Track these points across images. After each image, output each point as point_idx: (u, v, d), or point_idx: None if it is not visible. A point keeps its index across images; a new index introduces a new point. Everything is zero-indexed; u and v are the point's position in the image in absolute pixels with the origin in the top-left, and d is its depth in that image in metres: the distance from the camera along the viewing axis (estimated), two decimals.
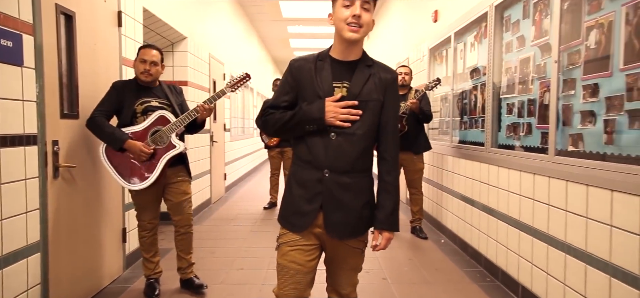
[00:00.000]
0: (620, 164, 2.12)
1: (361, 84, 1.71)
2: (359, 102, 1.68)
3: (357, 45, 1.72)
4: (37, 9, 2.46)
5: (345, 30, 1.64)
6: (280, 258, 1.76)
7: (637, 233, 1.98)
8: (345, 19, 1.63)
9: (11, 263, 2.28)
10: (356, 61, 1.74)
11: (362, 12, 1.63)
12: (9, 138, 2.25)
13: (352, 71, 1.73)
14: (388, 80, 1.75)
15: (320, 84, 1.70)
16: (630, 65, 2.09)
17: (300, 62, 1.76)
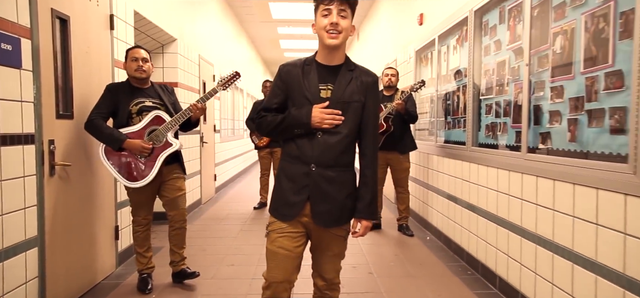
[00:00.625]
0: (581, 160, 2.33)
1: (344, 87, 1.91)
2: (342, 103, 1.88)
3: (338, 50, 1.91)
4: (34, 14, 2.63)
5: (325, 37, 1.84)
6: (270, 245, 1.95)
7: (594, 223, 2.19)
8: (324, 27, 1.83)
9: (10, 257, 2.44)
10: (340, 65, 1.94)
11: (339, 19, 1.83)
12: (8, 137, 2.41)
13: (336, 75, 1.92)
14: (369, 83, 1.95)
15: (308, 86, 1.90)
16: (589, 69, 2.30)
17: (289, 67, 1.96)
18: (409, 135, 4.89)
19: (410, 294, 3.25)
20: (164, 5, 5.03)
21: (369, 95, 1.96)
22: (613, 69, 2.13)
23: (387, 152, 4.79)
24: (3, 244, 2.38)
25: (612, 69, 2.13)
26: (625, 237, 1.99)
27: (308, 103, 1.89)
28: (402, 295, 3.24)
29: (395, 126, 4.72)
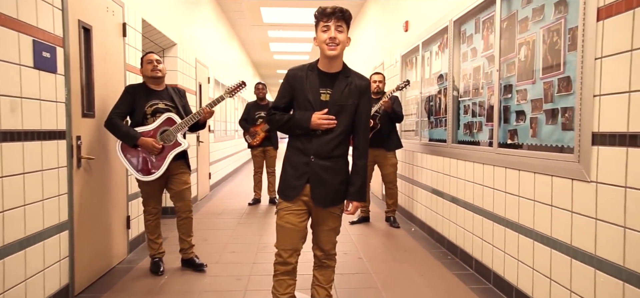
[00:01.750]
0: (539, 152, 2.79)
1: (340, 92, 2.33)
2: (338, 106, 2.30)
3: (337, 59, 2.34)
4: (66, 25, 3.01)
5: (326, 49, 2.26)
6: (279, 220, 2.38)
7: (550, 205, 2.65)
8: (324, 40, 2.25)
9: (49, 237, 2.81)
10: (337, 73, 2.36)
11: (336, 34, 2.25)
12: (47, 133, 2.79)
13: (334, 81, 2.35)
14: (362, 86, 2.38)
15: (310, 89, 2.32)
16: (546, 75, 2.76)
17: (295, 71, 2.38)
18: (395, 134, 5.33)
19: (395, 275, 3.68)
20: (165, 12, 5.41)
21: (362, 97, 2.38)
22: (564, 76, 2.59)
23: (374, 149, 5.22)
24: (44, 225, 2.75)
25: (563, 75, 2.59)
26: (572, 215, 2.45)
27: (309, 104, 2.31)
28: (388, 275, 3.67)
29: (383, 124, 5.15)
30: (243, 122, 6.78)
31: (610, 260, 2.16)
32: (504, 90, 3.30)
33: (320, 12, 2.27)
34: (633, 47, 2.01)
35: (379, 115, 5.11)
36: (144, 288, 3.35)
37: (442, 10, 4.52)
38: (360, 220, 5.57)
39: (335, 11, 2.24)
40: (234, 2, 9.11)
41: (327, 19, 2.26)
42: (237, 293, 3.25)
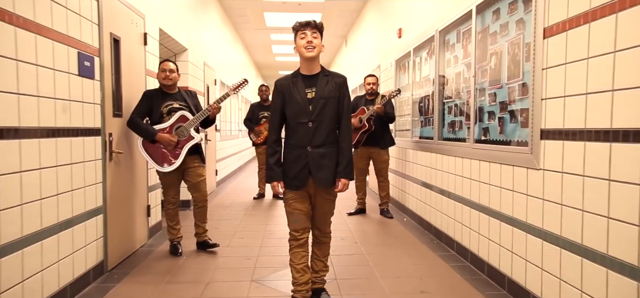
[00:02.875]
0: (504, 146, 3.32)
1: (322, 88, 2.84)
2: (323, 99, 2.80)
3: (315, 61, 2.85)
4: (101, 37, 3.54)
5: (304, 52, 2.78)
6: (288, 208, 2.90)
7: (511, 190, 3.17)
8: (303, 45, 2.77)
9: (88, 219, 3.34)
10: (318, 73, 2.88)
11: (312, 39, 2.77)
12: (87, 130, 3.32)
13: (316, 80, 2.86)
14: (340, 82, 2.90)
15: (297, 92, 2.83)
16: (510, 81, 3.28)
17: (282, 81, 2.90)
18: (388, 133, 5.85)
19: (386, 256, 4.21)
20: (178, 20, 5.94)
21: (341, 91, 2.89)
22: (522, 82, 3.11)
23: (369, 147, 5.75)
24: (86, 207, 3.29)
25: (522, 82, 3.11)
26: (527, 197, 2.97)
27: (299, 103, 2.81)
28: (379, 256, 4.19)
29: (376, 126, 5.67)
30: (248, 122, 7.31)
31: (553, 232, 2.68)
32: (478, 93, 3.82)
33: (297, 24, 2.81)
34: (567, 60, 2.53)
35: (373, 118, 5.62)
36: (165, 266, 3.88)
37: (429, 20, 5.05)
38: (357, 212, 6.09)
39: (309, 22, 2.79)
40: (239, 8, 9.66)
41: (304, 28, 2.79)
42: (247, 270, 3.77)
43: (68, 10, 3.05)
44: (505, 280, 3.28)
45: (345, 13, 10.11)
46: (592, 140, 2.33)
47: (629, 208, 2.08)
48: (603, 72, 2.25)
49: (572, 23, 2.49)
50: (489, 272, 3.54)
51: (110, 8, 3.74)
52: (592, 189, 2.34)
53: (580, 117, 2.42)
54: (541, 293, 2.81)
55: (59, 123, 2.93)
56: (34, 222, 2.67)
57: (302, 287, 2.92)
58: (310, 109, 2.80)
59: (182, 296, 3.19)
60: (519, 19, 3.19)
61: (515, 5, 3.24)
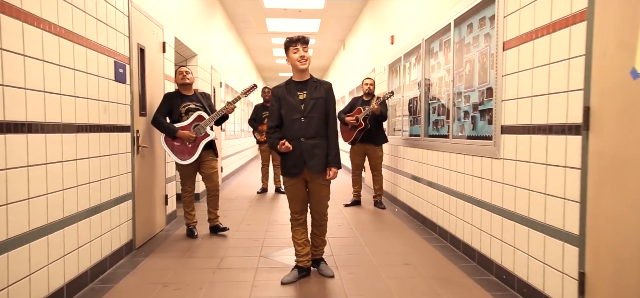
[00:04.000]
0: (475, 140, 3.93)
1: (312, 91, 3.44)
2: (314, 100, 3.38)
3: (306, 71, 3.44)
4: (131, 47, 4.14)
5: (299, 65, 3.37)
6: (287, 193, 3.50)
7: (480, 177, 3.78)
8: (297, 59, 3.36)
9: (120, 203, 3.94)
10: (307, 80, 3.47)
11: (304, 53, 3.36)
12: (119, 127, 3.92)
13: (306, 85, 3.45)
14: (327, 87, 3.49)
15: (291, 96, 3.42)
16: (480, 85, 3.90)
17: (277, 89, 3.49)
18: (382, 131, 6.46)
19: (377, 238, 4.81)
20: (189, 29, 6.55)
21: (328, 94, 3.48)
22: (488, 86, 3.72)
23: (365, 144, 6.36)
24: (121, 191, 3.90)
25: (488, 86, 3.72)
26: (491, 183, 3.58)
27: (293, 105, 3.39)
28: (371, 238, 4.80)
29: (371, 124, 6.27)
30: (252, 122, 7.93)
31: (509, 209, 3.29)
32: (456, 95, 4.43)
33: (289, 40, 3.40)
34: (519, 69, 3.14)
35: (368, 117, 6.22)
36: (184, 246, 4.48)
37: (417, 29, 5.67)
38: (353, 203, 6.70)
39: (300, 38, 3.38)
40: (243, 14, 10.27)
41: (296, 44, 3.38)
42: (256, 248, 4.38)
43: (108, 26, 3.66)
44: (475, 254, 3.89)
45: (342, 19, 10.73)
46: (536, 133, 2.94)
47: (557, 186, 2.69)
48: (542, 79, 2.86)
49: (522, 39, 3.10)
50: (464, 249, 4.15)
51: (137, 21, 4.35)
52: (535, 172, 2.95)
53: (528, 115, 3.03)
54: (501, 261, 3.42)
55: (101, 121, 3.54)
56: (84, 201, 3.28)
57: (303, 257, 3.53)
58: (302, 107, 3.39)
59: (202, 266, 3.80)
60: (486, 33, 3.80)
61: (483, 21, 3.85)
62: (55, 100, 2.88)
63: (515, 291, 3.21)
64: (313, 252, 3.64)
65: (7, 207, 2.41)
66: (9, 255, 2.43)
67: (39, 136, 2.70)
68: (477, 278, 3.52)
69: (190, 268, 3.77)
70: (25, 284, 2.58)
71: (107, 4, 3.66)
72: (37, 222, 2.69)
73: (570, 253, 2.58)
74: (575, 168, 2.53)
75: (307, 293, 3.22)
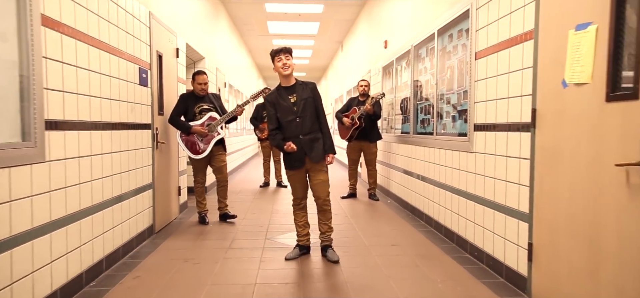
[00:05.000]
0: (454, 136, 4.51)
1: (301, 92, 4.00)
2: (303, 100, 3.94)
3: (291, 76, 3.98)
4: (151, 54, 4.71)
5: (282, 71, 3.91)
6: (290, 181, 4.07)
7: (457, 168, 4.36)
8: (281, 66, 3.90)
9: (143, 192, 4.52)
10: (294, 84, 4.02)
11: (286, 61, 3.91)
12: (143, 125, 4.49)
13: (294, 89, 4.01)
14: (312, 87, 4.05)
15: (283, 99, 3.98)
16: (459, 88, 4.47)
17: (270, 96, 4.03)
18: (376, 129, 7.03)
19: (369, 225, 5.40)
20: (198, 34, 7.13)
21: (314, 93, 4.02)
22: (465, 90, 4.30)
23: (360, 141, 6.94)
24: (144, 182, 4.48)
25: (465, 89, 4.30)
26: (467, 174, 4.16)
27: (285, 108, 3.92)
28: (364, 224, 5.38)
29: (366, 123, 6.84)
30: (253, 120, 8.50)
31: (479, 195, 3.87)
32: (439, 97, 5.01)
33: (274, 51, 3.96)
34: (487, 76, 3.72)
35: (363, 117, 6.79)
36: (197, 230, 5.06)
37: (407, 36, 6.25)
38: (349, 195, 7.28)
39: (283, 49, 3.93)
40: (246, 18, 10.84)
41: (279, 54, 3.93)
42: (261, 232, 4.96)
43: (134, 37, 4.24)
44: (454, 236, 4.47)
45: (340, 22, 11.31)
46: (499, 130, 3.52)
47: (514, 174, 3.27)
48: (504, 85, 3.44)
49: (489, 51, 3.68)
50: (445, 232, 4.73)
51: (156, 31, 4.92)
52: (499, 163, 3.53)
53: (493, 114, 3.61)
54: (474, 240, 4.01)
55: (131, 119, 4.11)
56: (117, 189, 3.85)
57: (303, 237, 4.11)
58: (295, 109, 3.94)
59: (216, 246, 4.38)
60: (463, 43, 4.38)
61: (461, 32, 4.43)
62: (95, 102, 3.45)
63: (484, 264, 3.80)
64: (321, 238, 4.16)
65: (50, 194, 2.97)
66: (52, 235, 3.01)
67: (85, 133, 3.27)
68: (454, 256, 4.11)
69: (205, 248, 4.35)
70: (77, 254, 3.15)
71: (133, 18, 4.23)
72: (85, 203, 3.26)
73: (523, 229, 3.17)
74: (526, 159, 3.11)
75: (308, 267, 3.81)
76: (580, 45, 2.51)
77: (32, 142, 2.60)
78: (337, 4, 9.76)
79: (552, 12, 2.81)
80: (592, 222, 2.44)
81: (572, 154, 2.61)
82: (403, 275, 3.57)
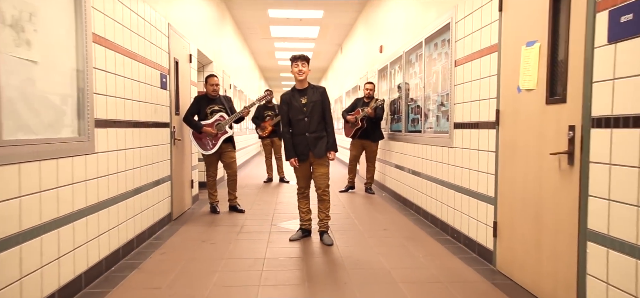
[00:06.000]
0: (438, 134, 5.12)
1: (312, 96, 4.61)
2: (312, 103, 4.55)
3: (305, 81, 4.59)
4: (170, 61, 5.33)
5: (298, 76, 4.53)
6: (296, 172, 4.68)
7: (441, 162, 4.97)
8: (296, 72, 4.52)
9: (162, 183, 5.13)
10: (307, 87, 4.63)
11: (302, 68, 4.52)
12: (163, 123, 5.11)
13: (306, 92, 4.62)
14: (321, 91, 4.64)
15: (295, 100, 4.59)
16: (442, 91, 5.09)
17: (285, 95, 4.65)
18: (378, 129, 7.62)
19: (365, 214, 6.01)
20: (207, 40, 7.75)
21: (323, 97, 4.63)
22: (447, 92, 4.91)
23: (363, 140, 7.55)
24: (164, 174, 5.10)
25: (447, 92, 4.92)
26: (448, 166, 4.77)
27: (296, 108, 4.55)
28: (360, 214, 5.99)
29: (368, 124, 7.43)
30: (255, 119, 9.12)
31: (458, 184, 4.49)
32: (426, 99, 5.63)
33: (293, 57, 4.54)
34: (464, 81, 4.34)
35: (365, 119, 7.39)
36: (209, 219, 5.68)
37: (399, 42, 6.87)
38: (347, 189, 7.90)
39: (301, 57, 4.53)
40: (249, 22, 11.47)
41: (297, 61, 4.54)
42: (268, 220, 5.58)
43: (156, 47, 4.86)
44: (438, 222, 5.09)
45: (340, 26, 11.92)
46: (473, 128, 4.14)
47: (484, 164, 3.89)
48: (476, 89, 4.05)
49: (466, 59, 4.30)
50: (431, 219, 5.35)
51: (174, 40, 5.55)
52: (473, 156, 4.14)
53: (469, 114, 4.23)
54: (454, 223, 4.62)
55: (154, 118, 4.74)
56: (144, 179, 4.47)
57: (306, 221, 4.74)
58: (305, 109, 4.55)
59: (228, 231, 5.00)
60: (446, 52, 4.99)
61: (444, 42, 5.05)
62: (128, 103, 4.07)
63: (461, 244, 4.42)
64: (319, 225, 4.76)
65: (97, 180, 3.59)
66: (99, 214, 3.63)
67: (121, 130, 3.89)
68: (437, 238, 4.72)
69: (219, 232, 4.96)
70: (116, 232, 3.77)
71: (155, 29, 4.85)
72: (121, 189, 3.88)
73: (490, 210, 3.79)
74: (492, 152, 3.73)
75: (309, 247, 4.42)
76: (529, 58, 3.13)
77: (85, 137, 3.22)
78: (336, 10, 10.37)
79: (511, 29, 3.43)
80: (537, 202, 3.06)
81: (524, 147, 3.23)
82: (391, 253, 4.19)
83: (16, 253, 2.47)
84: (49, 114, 2.86)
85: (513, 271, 3.42)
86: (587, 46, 2.52)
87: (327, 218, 4.72)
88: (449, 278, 3.48)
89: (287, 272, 3.64)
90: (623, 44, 2.27)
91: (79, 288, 3.14)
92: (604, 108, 2.40)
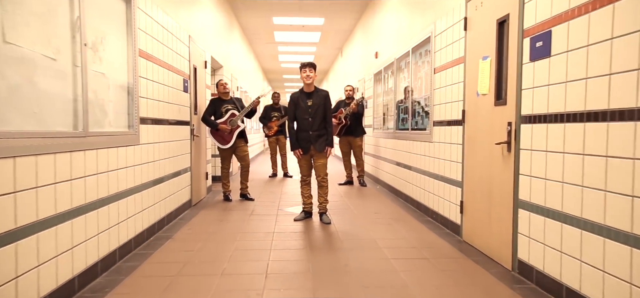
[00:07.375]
0: (421, 131, 6.00)
1: (315, 99, 5.49)
2: (316, 106, 5.43)
3: (312, 85, 5.48)
4: (190, 68, 6.22)
5: (305, 81, 5.41)
6: (298, 162, 5.56)
7: (423, 155, 5.85)
8: (304, 77, 5.41)
9: (184, 173, 6.01)
10: (313, 91, 5.52)
11: (309, 74, 5.40)
12: (184, 122, 5.99)
13: (312, 94, 5.50)
14: (325, 95, 5.53)
15: (302, 101, 5.47)
16: (425, 94, 5.96)
17: (293, 95, 5.54)
18: (360, 126, 8.51)
19: (360, 203, 6.89)
20: (219, 47, 8.65)
21: (325, 100, 5.52)
22: (429, 95, 5.78)
23: (348, 136, 8.45)
24: (185, 165, 5.99)
25: (429, 95, 5.79)
26: (429, 158, 5.65)
27: (302, 109, 5.44)
28: (356, 203, 6.87)
29: (351, 121, 8.32)
30: (262, 119, 10.02)
31: (437, 173, 5.36)
32: (412, 101, 6.50)
33: (302, 64, 5.40)
34: (441, 85, 5.22)
35: (348, 116, 8.27)
36: (223, 206, 6.57)
37: (392, 50, 7.75)
38: (346, 183, 8.78)
39: (309, 63, 5.39)
40: (255, 28, 12.37)
41: (305, 67, 5.40)
42: (274, 206, 6.46)
43: (180, 56, 5.75)
44: (421, 206, 5.97)
45: (340, 31, 12.81)
46: (447, 125, 5.01)
47: (454, 154, 4.77)
48: (448, 93, 4.93)
49: (442, 68, 5.18)
50: (415, 204, 6.22)
51: (193, 49, 6.44)
52: (446, 148, 5.02)
53: (443, 114, 5.11)
54: (432, 206, 5.50)
55: (178, 117, 5.63)
56: (171, 168, 5.36)
57: (307, 205, 5.62)
58: (310, 111, 5.42)
59: (241, 214, 5.89)
60: (429, 60, 5.87)
61: (427, 52, 5.92)
62: (161, 105, 4.96)
63: (438, 223, 5.29)
64: (319, 207, 5.64)
65: (141, 166, 4.47)
66: (142, 194, 4.51)
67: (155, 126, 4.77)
68: (419, 219, 5.60)
69: (233, 214, 5.86)
70: (152, 210, 4.65)
71: (179, 41, 5.74)
72: (157, 175, 4.76)
73: (458, 192, 4.67)
74: (460, 144, 4.61)
75: (310, 224, 5.31)
76: (484, 69, 4.01)
77: (133, 130, 4.11)
78: (337, 17, 11.26)
79: (473, 46, 4.31)
80: (488, 181, 3.94)
81: (480, 139, 4.11)
82: (378, 229, 5.07)
83: (94, 216, 3.36)
84: (111, 113, 3.75)
85: (474, 239, 4.30)
86: (519, 62, 3.41)
87: (326, 202, 5.59)
88: (422, 246, 4.37)
89: (293, 241, 4.53)
90: (538, 62, 3.15)
91: (129, 250, 4.04)
92: (529, 108, 3.29)
